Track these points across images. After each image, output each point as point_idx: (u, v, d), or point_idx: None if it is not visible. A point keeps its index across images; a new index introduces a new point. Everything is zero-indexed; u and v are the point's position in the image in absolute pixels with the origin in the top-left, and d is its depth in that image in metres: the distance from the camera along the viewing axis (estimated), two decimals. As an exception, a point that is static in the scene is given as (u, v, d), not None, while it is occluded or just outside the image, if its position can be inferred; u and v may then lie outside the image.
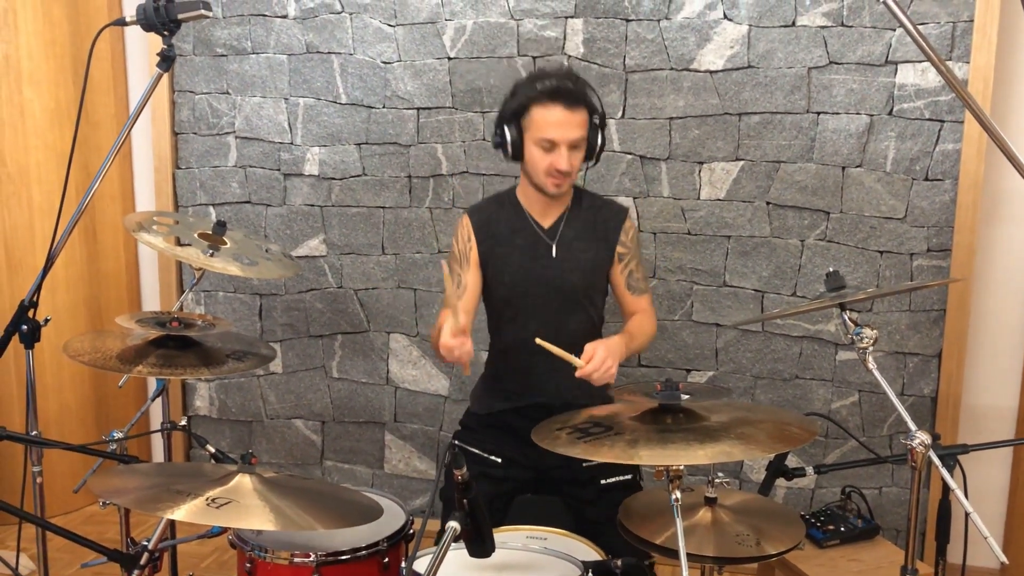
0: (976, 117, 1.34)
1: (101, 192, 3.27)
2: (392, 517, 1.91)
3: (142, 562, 1.67)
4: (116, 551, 1.66)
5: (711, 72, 2.70)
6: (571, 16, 2.77)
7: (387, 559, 1.82)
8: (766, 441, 1.44)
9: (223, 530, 1.82)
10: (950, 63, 2.53)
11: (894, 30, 2.58)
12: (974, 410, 2.76)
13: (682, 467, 1.45)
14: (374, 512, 1.62)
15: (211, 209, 3.17)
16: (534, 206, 2.09)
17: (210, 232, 2.37)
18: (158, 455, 3.49)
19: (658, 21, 2.71)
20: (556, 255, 2.04)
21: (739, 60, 2.68)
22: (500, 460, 2.10)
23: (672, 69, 2.73)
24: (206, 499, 1.49)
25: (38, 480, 1.94)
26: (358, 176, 3.02)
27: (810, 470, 1.92)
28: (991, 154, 2.56)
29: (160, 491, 1.52)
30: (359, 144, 3.00)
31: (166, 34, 1.78)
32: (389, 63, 2.93)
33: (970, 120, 2.54)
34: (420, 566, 1.65)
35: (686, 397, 1.59)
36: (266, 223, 3.13)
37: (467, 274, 2.07)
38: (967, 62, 2.51)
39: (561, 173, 1.95)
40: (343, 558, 1.77)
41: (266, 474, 1.63)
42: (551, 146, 1.93)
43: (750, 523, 1.65)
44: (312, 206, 3.08)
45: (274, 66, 3.03)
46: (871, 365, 1.54)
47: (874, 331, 1.56)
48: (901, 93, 2.60)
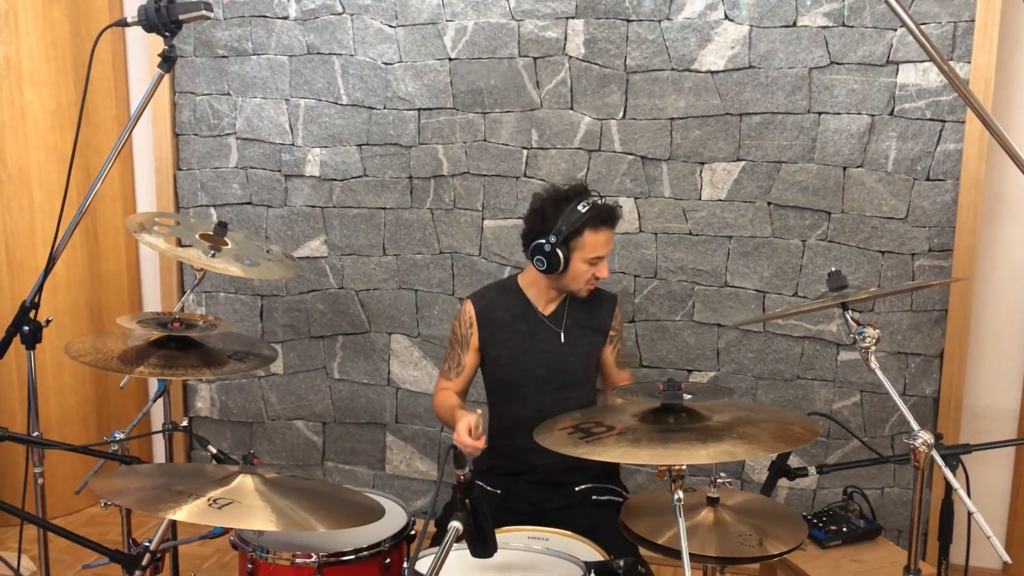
0: (978, 115, 1.34)
1: (102, 193, 3.27)
2: (394, 518, 1.91)
3: (144, 563, 1.67)
4: (118, 552, 1.65)
5: (712, 72, 2.70)
6: (572, 17, 2.77)
7: (389, 560, 1.82)
8: (768, 441, 1.44)
9: (225, 531, 1.81)
10: (951, 63, 2.53)
11: (895, 30, 2.58)
12: (976, 410, 2.75)
13: (684, 467, 1.45)
14: (376, 512, 1.62)
15: (212, 210, 3.17)
16: (539, 297, 2.27)
17: (211, 233, 2.37)
18: (159, 456, 3.49)
19: (659, 22, 2.71)
20: (564, 342, 2.24)
21: (740, 60, 2.68)
22: (499, 491, 2.18)
23: (673, 70, 2.73)
24: (208, 500, 1.48)
25: (39, 481, 1.94)
26: (359, 177, 3.02)
27: (812, 470, 1.92)
28: (992, 154, 2.56)
29: (162, 492, 1.52)
30: (360, 145, 3.00)
31: (167, 35, 1.78)
32: (390, 64, 2.93)
33: (971, 120, 2.54)
34: (422, 567, 1.65)
35: (688, 397, 1.59)
36: (267, 224, 3.13)
37: (466, 356, 2.27)
38: (968, 62, 2.51)
39: (598, 280, 2.20)
40: (345, 559, 1.77)
41: (268, 475, 1.63)
42: (598, 260, 2.16)
43: (752, 523, 1.65)
44: (313, 207, 3.08)
45: (275, 67, 3.03)
46: (873, 364, 1.54)
47: (876, 331, 1.56)
48: (902, 93, 2.59)
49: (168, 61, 1.81)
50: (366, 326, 3.11)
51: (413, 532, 1.90)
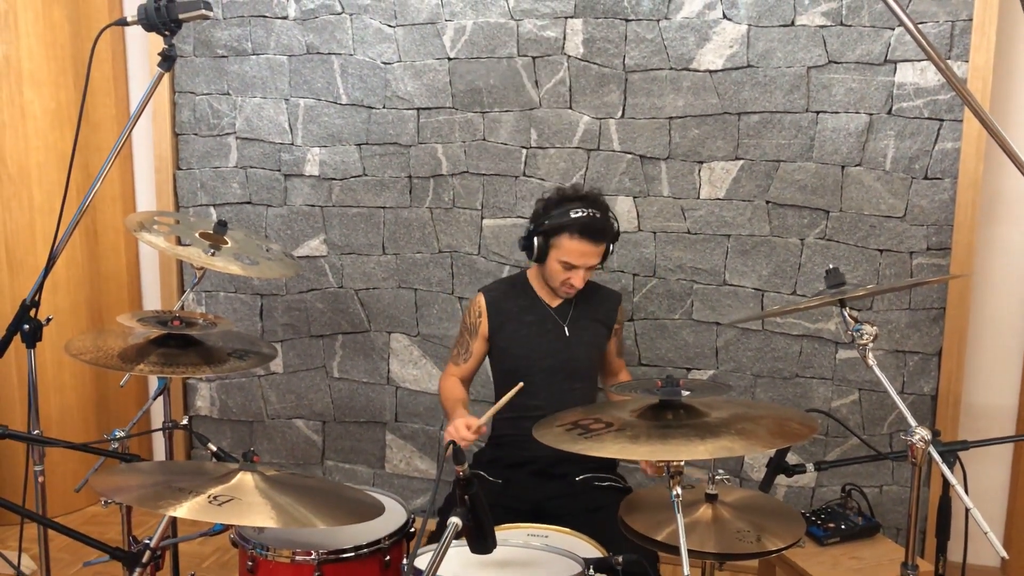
0: (976, 114, 1.34)
1: (102, 193, 3.28)
2: (394, 515, 1.91)
3: (144, 560, 1.67)
4: (118, 549, 1.66)
5: (710, 72, 2.71)
6: (571, 16, 2.77)
7: (388, 557, 1.82)
8: (766, 437, 1.44)
9: (225, 528, 1.82)
10: (949, 62, 2.54)
11: (893, 29, 2.59)
12: (974, 408, 2.76)
13: (682, 463, 1.46)
14: (375, 510, 1.62)
15: (212, 210, 3.17)
16: (543, 290, 2.34)
17: (211, 232, 2.38)
18: (159, 455, 3.49)
19: (657, 21, 2.72)
20: (569, 334, 2.29)
21: (738, 60, 2.68)
22: (500, 481, 2.19)
23: (672, 69, 2.73)
24: (208, 496, 1.49)
25: (40, 479, 1.94)
26: (358, 176, 3.03)
27: (810, 467, 1.92)
28: (990, 153, 2.56)
29: (162, 489, 1.52)
30: (359, 144, 3.01)
31: (167, 34, 1.79)
32: (389, 64, 2.94)
33: (969, 119, 2.55)
34: (422, 563, 1.65)
35: (687, 393, 1.59)
36: (267, 224, 3.14)
37: (474, 343, 2.34)
38: (966, 61, 2.52)
39: (575, 288, 2.23)
40: (345, 556, 1.77)
41: (267, 472, 1.63)
42: (571, 267, 2.19)
43: (751, 520, 1.66)
44: (313, 206, 3.08)
45: (274, 67, 3.04)
46: (871, 361, 1.55)
47: (874, 328, 1.57)
48: (900, 92, 2.60)
49: (168, 60, 1.81)
50: (366, 325, 3.11)
51: (413, 530, 1.91)
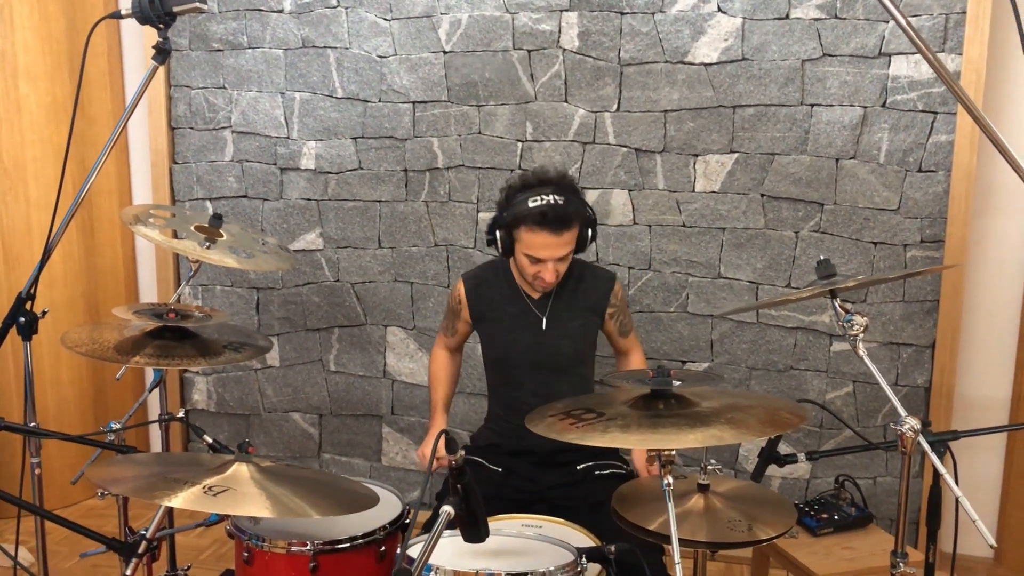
0: (967, 110, 1.35)
1: (98, 187, 3.28)
2: (389, 507, 1.92)
3: (140, 551, 1.68)
4: (115, 540, 1.67)
5: (705, 65, 2.71)
6: (566, 9, 2.77)
7: (384, 548, 1.83)
8: (756, 425, 1.45)
9: (221, 518, 1.83)
10: (943, 55, 2.55)
11: (887, 22, 2.59)
12: (967, 400, 2.77)
13: (674, 452, 1.47)
14: (369, 500, 1.63)
15: (208, 204, 3.18)
16: (525, 279, 2.17)
17: (207, 225, 2.38)
18: (156, 448, 3.50)
19: (652, 14, 2.72)
20: (546, 327, 2.18)
21: (733, 53, 2.69)
22: (500, 470, 2.17)
23: (667, 62, 2.74)
24: (203, 487, 1.50)
25: (36, 471, 1.95)
26: (354, 170, 3.03)
27: (802, 457, 1.93)
28: (984, 145, 2.57)
29: (158, 479, 1.53)
30: (355, 138, 3.01)
31: (161, 27, 1.79)
32: (385, 57, 2.94)
33: (963, 112, 2.55)
34: (415, 553, 1.66)
35: (678, 383, 1.60)
36: (263, 217, 3.14)
37: (458, 324, 2.32)
38: (960, 54, 2.52)
39: (548, 283, 2.08)
40: (340, 547, 1.78)
41: (263, 463, 1.64)
42: (538, 261, 2.04)
43: (742, 509, 1.67)
44: (309, 200, 3.09)
45: (270, 60, 3.04)
46: (862, 352, 1.55)
47: (864, 318, 1.57)
48: (894, 85, 2.61)
49: (162, 53, 1.82)
50: (362, 318, 3.12)
51: (408, 521, 1.91)
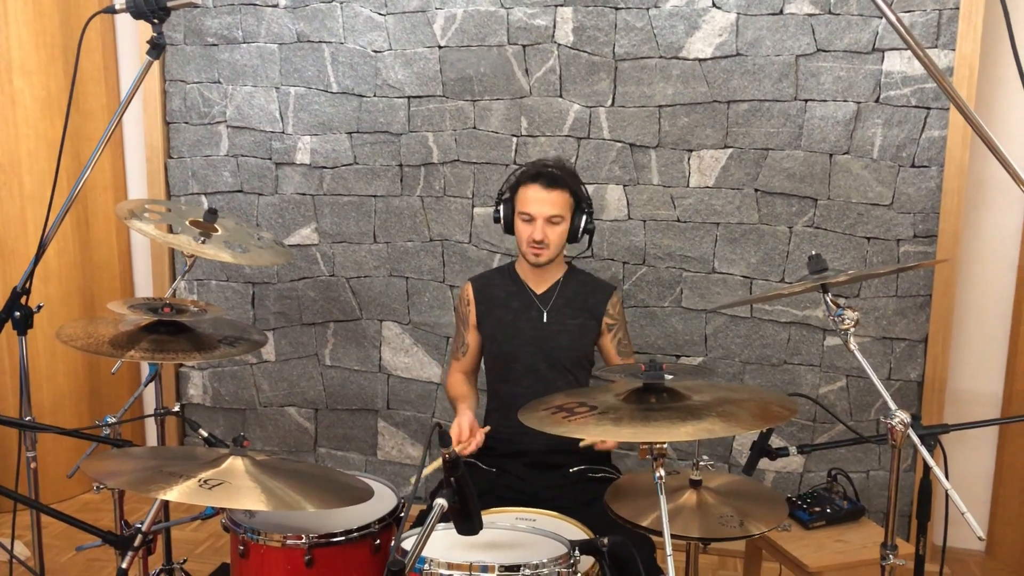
0: (958, 108, 1.36)
1: (93, 182, 3.28)
2: (384, 500, 1.93)
3: (136, 544, 1.69)
4: (110, 533, 1.67)
5: (700, 60, 2.72)
6: (561, 5, 2.78)
7: (378, 541, 1.84)
8: (748, 419, 1.46)
9: (216, 512, 1.83)
10: (936, 51, 2.56)
11: (880, 18, 2.60)
12: (959, 394, 2.79)
13: (666, 445, 1.48)
14: (364, 493, 1.64)
15: (203, 198, 3.18)
16: (529, 276, 2.31)
17: (202, 220, 2.38)
18: (151, 443, 3.51)
19: (647, 9, 2.73)
20: (547, 320, 2.26)
21: (727, 48, 2.70)
22: (494, 470, 2.19)
23: (661, 57, 2.74)
24: (198, 480, 1.50)
25: (32, 466, 1.96)
26: (349, 165, 3.03)
27: (793, 449, 1.94)
28: (976, 141, 2.58)
29: (153, 473, 1.54)
30: (350, 133, 3.01)
31: (156, 22, 1.79)
32: (380, 52, 2.94)
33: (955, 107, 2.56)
34: (409, 545, 1.67)
35: (670, 377, 1.61)
36: (258, 212, 3.14)
37: (468, 334, 2.36)
38: (953, 50, 2.53)
39: (537, 243, 2.18)
40: (335, 540, 1.79)
41: (257, 456, 1.65)
42: (530, 219, 2.18)
43: (734, 504, 1.68)
44: (304, 195, 3.09)
45: (265, 55, 3.04)
46: (853, 346, 1.56)
47: (856, 313, 1.58)
48: (888, 80, 2.62)
49: (157, 48, 1.82)
50: (357, 313, 3.13)
51: (403, 515, 1.92)
